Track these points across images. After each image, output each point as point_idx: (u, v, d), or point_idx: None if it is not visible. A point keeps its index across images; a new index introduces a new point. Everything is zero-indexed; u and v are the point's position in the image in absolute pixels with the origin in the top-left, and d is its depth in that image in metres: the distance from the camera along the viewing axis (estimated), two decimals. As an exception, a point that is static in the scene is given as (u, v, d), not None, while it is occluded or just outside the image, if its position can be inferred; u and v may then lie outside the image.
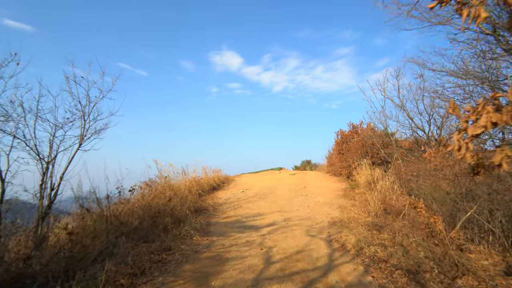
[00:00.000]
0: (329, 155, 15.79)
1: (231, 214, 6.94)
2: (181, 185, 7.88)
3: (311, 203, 7.94)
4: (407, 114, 8.19)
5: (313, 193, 9.37)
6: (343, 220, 5.96)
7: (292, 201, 8.16)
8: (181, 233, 4.99)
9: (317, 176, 13.49)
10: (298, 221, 6.13)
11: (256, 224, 6.03)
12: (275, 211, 7.10)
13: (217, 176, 12.36)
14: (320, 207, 7.38)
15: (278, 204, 7.91)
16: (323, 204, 7.77)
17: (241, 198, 9.01)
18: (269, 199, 8.55)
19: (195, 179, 10.36)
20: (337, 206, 7.47)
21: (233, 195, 9.51)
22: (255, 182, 12.29)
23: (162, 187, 6.49)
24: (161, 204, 5.68)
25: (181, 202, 6.32)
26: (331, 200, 8.17)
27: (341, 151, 11.66)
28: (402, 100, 8.13)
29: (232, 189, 10.88)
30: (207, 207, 7.75)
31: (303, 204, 7.76)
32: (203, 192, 9.94)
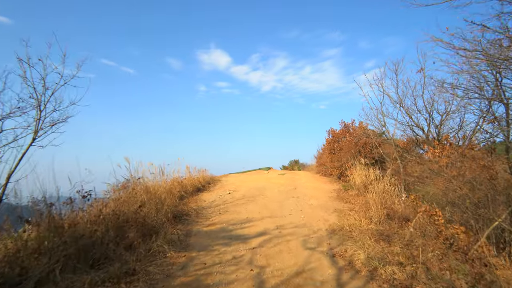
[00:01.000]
0: (318, 154, 15.03)
1: (215, 221, 5.91)
2: (160, 187, 6.77)
3: (304, 206, 7.03)
4: (406, 111, 7.46)
5: (305, 194, 8.48)
6: (343, 227, 5.07)
7: (283, 204, 7.22)
8: (152, 248, 3.92)
9: (307, 177, 12.65)
10: (293, 229, 5.19)
11: (244, 233, 5.04)
12: (266, 217, 6.13)
13: (202, 177, 11.28)
14: (314, 211, 6.48)
15: (269, 207, 6.95)
16: (317, 207, 6.88)
17: (228, 200, 7.99)
18: (258, 202, 7.58)
19: (178, 179, 9.24)
20: (333, 210, 6.60)
21: (219, 197, 8.47)
22: (243, 182, 11.30)
23: (133, 190, 5.37)
24: (131, 211, 4.58)
25: (156, 208, 5.23)
26: (326, 203, 7.30)
27: (332, 150, 10.86)
28: (400, 97, 7.39)
29: (218, 190, 9.83)
30: (189, 212, 6.68)
31: (296, 208, 6.85)
32: (186, 194, 8.85)
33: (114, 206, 4.61)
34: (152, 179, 6.85)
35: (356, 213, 5.90)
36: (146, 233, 4.41)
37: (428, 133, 7.42)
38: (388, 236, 4.62)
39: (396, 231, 4.88)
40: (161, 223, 4.99)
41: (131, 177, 5.63)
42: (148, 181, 6.68)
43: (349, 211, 6.35)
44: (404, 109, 7.48)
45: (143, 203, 5.11)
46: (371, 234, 4.67)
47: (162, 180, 7.09)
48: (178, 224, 5.49)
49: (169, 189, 7.56)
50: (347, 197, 7.94)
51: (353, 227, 5.03)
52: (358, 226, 5.11)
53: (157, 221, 4.96)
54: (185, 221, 5.84)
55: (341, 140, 10.86)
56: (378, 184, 6.76)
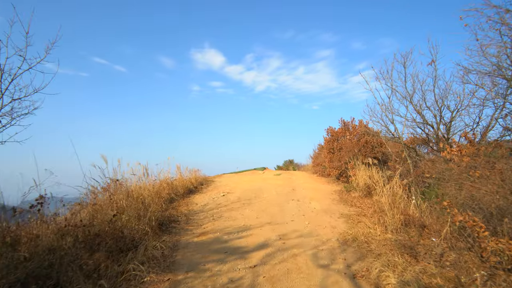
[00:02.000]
0: (315, 154, 14.27)
1: (208, 228, 5.00)
2: (145, 190, 5.81)
3: (306, 210, 6.19)
4: (414, 107, 6.72)
5: (304, 197, 7.65)
6: (357, 237, 4.25)
7: (283, 208, 6.36)
8: (127, 270, 2.98)
9: (304, 177, 11.85)
10: (298, 239, 4.34)
11: (242, 245, 4.15)
12: (265, 223, 5.26)
13: (195, 177, 10.33)
14: (319, 217, 5.65)
15: (267, 212, 6.08)
16: (321, 212, 6.04)
17: (222, 203, 7.08)
18: (255, 206, 6.70)
19: (167, 180, 8.28)
20: (339, 214, 5.78)
21: (212, 200, 7.54)
22: (238, 183, 10.39)
23: (111, 196, 4.42)
24: (106, 221, 3.64)
25: (138, 215, 4.28)
26: (329, 207, 6.48)
27: (331, 150, 10.08)
28: (409, 92, 6.65)
29: (212, 192, 8.91)
30: (179, 218, 5.74)
31: (298, 212, 6.00)
32: (176, 196, 7.89)
33: (84, 216, 3.65)
34: (136, 180, 5.89)
35: (366, 218, 5.09)
36: (122, 248, 3.47)
37: (438, 130, 6.70)
38: (412, 248, 3.81)
39: (418, 241, 4.09)
40: (143, 234, 4.06)
41: (111, 180, 4.66)
42: (132, 183, 5.73)
43: (357, 216, 5.55)
44: (412, 105, 6.75)
45: (122, 210, 4.16)
46: (392, 246, 3.86)
47: (148, 181, 6.09)
48: (164, 234, 4.56)
49: (156, 192, 6.60)
50: (351, 200, 7.15)
51: (368, 237, 4.22)
52: (373, 235, 4.29)
53: (138, 231, 4.02)
54: (173, 230, 4.90)
55: (341, 139, 10.09)
56: (386, 186, 5.99)
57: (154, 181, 8.08)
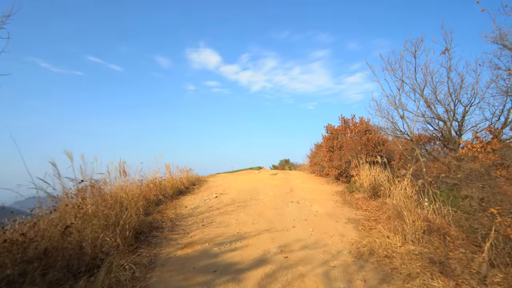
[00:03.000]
0: (312, 153, 13.48)
1: (196, 237, 4.12)
2: (123, 193, 4.90)
3: (308, 214, 5.36)
4: (425, 101, 5.97)
5: (304, 198, 6.82)
6: (374, 249, 3.42)
7: (282, 212, 5.52)
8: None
9: (301, 177, 11.03)
10: (303, 252, 3.49)
11: (235, 260, 3.29)
12: (263, 230, 4.41)
13: (186, 177, 9.41)
14: (323, 222, 4.82)
15: (265, 216, 5.22)
16: (325, 216, 5.22)
17: (214, 206, 6.20)
18: (251, 209, 5.83)
19: (155, 181, 7.36)
20: (346, 219, 4.97)
21: (203, 202, 6.65)
22: (232, 183, 9.52)
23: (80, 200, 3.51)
24: (57, 234, 2.73)
25: (105, 225, 3.38)
26: (333, 210, 5.66)
27: (331, 148, 9.29)
28: (419, 84, 5.89)
29: (204, 192, 8.01)
30: (163, 224, 4.84)
31: (299, 217, 5.16)
32: (164, 198, 6.98)
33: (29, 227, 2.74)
34: (114, 182, 4.97)
35: (379, 224, 4.28)
36: (76, 269, 2.57)
37: (450, 126, 5.95)
38: (443, 264, 3.01)
39: (446, 254, 3.30)
40: (112, 248, 3.16)
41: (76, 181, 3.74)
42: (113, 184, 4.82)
43: (367, 222, 4.74)
44: (423, 98, 5.99)
45: (88, 218, 3.26)
46: (418, 261, 3.06)
47: (124, 182, 5.17)
48: (142, 246, 3.66)
49: (140, 194, 5.69)
50: (355, 202, 6.35)
51: (388, 249, 3.40)
52: (393, 246, 3.48)
53: (104, 245, 3.12)
54: (153, 240, 4.00)
55: (341, 137, 9.31)
56: (397, 187, 5.21)
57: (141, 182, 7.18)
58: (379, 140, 8.61)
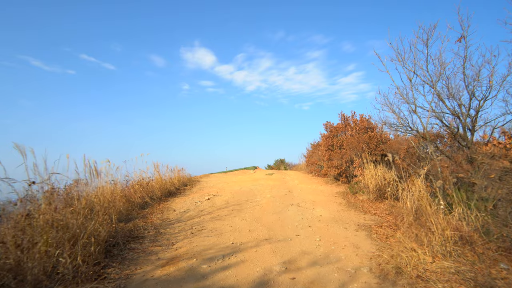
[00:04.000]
0: (308, 153, 12.80)
1: (181, 250, 3.33)
2: (102, 195, 4.07)
3: (311, 219, 4.63)
4: (437, 95, 5.32)
5: (305, 200, 6.10)
6: (399, 266, 2.71)
7: (283, 216, 4.77)
8: None
9: (298, 177, 10.32)
10: (312, 270, 2.75)
11: (229, 283, 2.52)
12: (262, 240, 3.65)
13: (178, 177, 8.58)
14: (330, 228, 4.10)
15: (263, 222, 4.47)
16: (331, 221, 4.50)
17: (206, 210, 5.41)
18: (247, 213, 5.07)
19: (142, 182, 6.53)
20: (355, 225, 4.25)
21: (194, 205, 5.85)
22: (226, 184, 8.73)
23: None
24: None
25: (65, 239, 2.56)
26: (339, 214, 4.95)
27: (330, 147, 8.60)
28: (431, 76, 5.24)
29: (195, 194, 7.21)
30: (145, 232, 4.03)
31: (302, 222, 4.42)
32: (152, 200, 6.15)
33: None
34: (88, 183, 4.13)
35: (394, 231, 3.58)
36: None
37: (464, 122, 5.32)
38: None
39: (489, 272, 2.61)
40: (68, 270, 2.35)
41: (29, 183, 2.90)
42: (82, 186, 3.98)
43: (380, 228, 4.03)
44: (435, 91, 5.34)
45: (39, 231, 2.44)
46: (461, 284, 2.35)
47: (97, 184, 4.33)
48: (112, 264, 2.85)
49: (120, 197, 4.87)
50: (361, 204, 5.66)
51: (418, 266, 2.69)
52: (422, 262, 2.77)
53: (59, 267, 2.31)
54: (130, 254, 3.20)
55: (341, 135, 8.63)
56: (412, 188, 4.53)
57: (126, 182, 6.33)
58: (381, 137, 7.97)
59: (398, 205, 5.60)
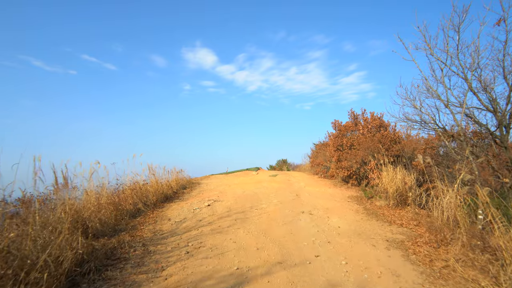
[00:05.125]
0: (313, 153, 11.98)
1: (172, 282, 2.51)
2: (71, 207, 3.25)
3: (329, 232, 3.81)
4: (469, 87, 4.51)
5: (316, 207, 5.28)
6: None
7: (294, 228, 3.95)
8: None
9: (304, 179, 9.50)
10: (349, 317, 1.94)
11: None
12: (274, 264, 2.83)
13: (176, 180, 7.76)
14: (355, 246, 3.27)
15: (273, 236, 3.64)
16: (353, 235, 3.67)
17: (205, 219, 4.59)
18: (253, 223, 4.25)
19: (134, 186, 5.71)
20: (384, 241, 3.43)
21: (192, 213, 5.03)
22: (228, 187, 7.91)
23: None
24: None
25: None
26: (360, 225, 4.13)
27: (339, 147, 7.79)
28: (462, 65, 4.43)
29: (194, 198, 6.38)
30: (130, 250, 3.21)
31: (319, 237, 3.60)
32: (145, 207, 5.33)
33: None
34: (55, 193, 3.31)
35: (435, 249, 2.76)
36: None
37: (503, 118, 4.50)
38: None
39: None
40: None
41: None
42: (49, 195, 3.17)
43: (416, 246, 3.21)
44: (467, 83, 4.52)
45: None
46: None
47: (68, 193, 3.50)
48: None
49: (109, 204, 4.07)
50: (381, 212, 4.84)
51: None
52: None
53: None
54: (103, 285, 2.38)
55: (351, 134, 7.82)
56: (447, 195, 3.72)
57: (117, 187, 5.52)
58: (395, 137, 7.15)
59: (422, 213, 4.79)
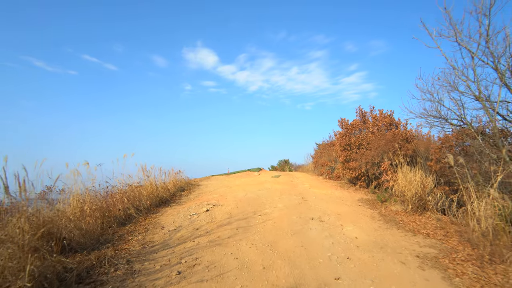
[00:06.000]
0: (316, 153, 11.37)
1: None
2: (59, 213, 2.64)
3: (346, 244, 3.20)
4: (500, 78, 3.91)
5: (326, 212, 4.67)
6: None
7: (306, 240, 3.34)
8: None
9: (308, 180, 8.89)
10: None
11: None
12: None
13: (173, 181, 7.16)
14: (382, 265, 2.66)
15: (281, 251, 3.03)
16: (374, 248, 3.06)
17: (203, 228, 3.98)
18: (257, 233, 3.64)
19: (124, 189, 5.10)
20: (414, 256, 2.81)
21: (188, 220, 4.42)
22: (229, 189, 7.30)
23: None
24: None
25: None
26: (379, 235, 3.51)
27: (347, 147, 7.18)
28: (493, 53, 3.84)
29: (193, 202, 5.77)
30: (110, 269, 2.60)
31: (336, 251, 2.99)
32: (138, 212, 4.73)
33: None
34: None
35: (480, 267, 2.16)
36: None
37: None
38: None
39: None
40: None
41: None
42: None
43: (454, 263, 2.59)
44: (498, 74, 3.92)
45: None
46: None
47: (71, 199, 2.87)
48: None
49: (91, 212, 3.46)
50: (400, 219, 4.23)
51: None
52: None
53: None
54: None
55: (359, 132, 7.21)
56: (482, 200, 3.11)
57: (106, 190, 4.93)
58: (407, 135, 6.55)
59: (444, 219, 4.18)
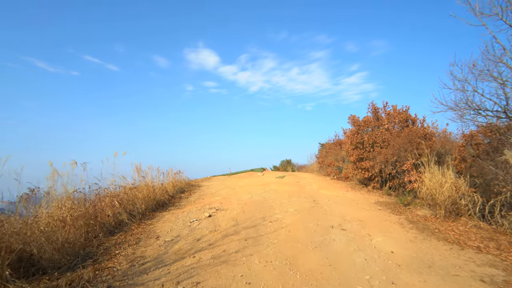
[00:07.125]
0: (322, 153, 10.68)
1: None
2: None
3: (383, 262, 2.50)
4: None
5: (345, 218, 3.97)
6: None
7: (332, 257, 2.64)
8: None
9: (315, 180, 8.18)
10: None
11: None
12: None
13: (173, 182, 6.45)
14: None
15: (304, 272, 2.33)
16: (421, 267, 2.36)
17: (205, 238, 3.27)
18: (270, 246, 2.94)
19: (116, 192, 4.39)
20: (475, 280, 2.12)
21: (188, 228, 3.71)
22: (232, 190, 6.59)
23: None
24: None
25: None
26: (419, 249, 2.81)
27: (359, 144, 6.49)
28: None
29: (193, 205, 5.06)
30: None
31: (374, 273, 2.29)
32: (130, 218, 4.02)
33: None
34: None
35: None
36: None
37: None
38: None
39: None
40: None
41: None
42: None
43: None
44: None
45: None
46: None
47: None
48: None
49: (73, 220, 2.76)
50: (433, 226, 3.53)
51: None
52: None
53: None
54: None
55: (372, 130, 6.52)
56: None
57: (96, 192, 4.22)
58: (425, 132, 5.86)
59: (485, 227, 3.49)
